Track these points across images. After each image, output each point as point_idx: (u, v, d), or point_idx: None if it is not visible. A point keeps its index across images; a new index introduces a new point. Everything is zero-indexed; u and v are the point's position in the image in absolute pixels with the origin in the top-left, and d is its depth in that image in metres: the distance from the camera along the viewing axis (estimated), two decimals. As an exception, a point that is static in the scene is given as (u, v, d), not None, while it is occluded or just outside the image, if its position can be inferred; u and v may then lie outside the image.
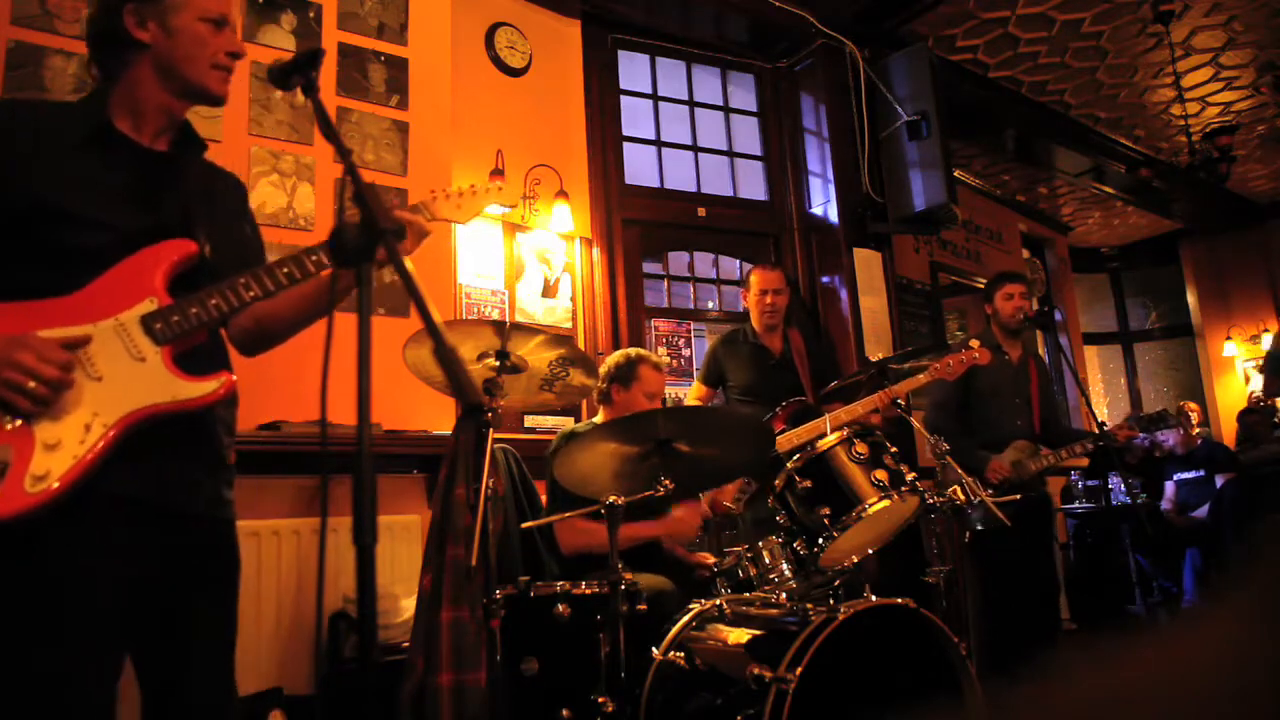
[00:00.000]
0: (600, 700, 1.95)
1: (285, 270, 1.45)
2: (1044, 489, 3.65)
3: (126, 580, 1.38)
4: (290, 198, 3.09)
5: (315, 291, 1.57)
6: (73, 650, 1.31)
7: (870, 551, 2.45)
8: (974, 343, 3.13)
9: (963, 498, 2.40)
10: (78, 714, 1.32)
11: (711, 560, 2.52)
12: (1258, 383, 7.95)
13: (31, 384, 1.26)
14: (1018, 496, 2.71)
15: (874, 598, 2.03)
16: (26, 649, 1.30)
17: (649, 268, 4.44)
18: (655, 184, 4.53)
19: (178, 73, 1.47)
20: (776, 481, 2.42)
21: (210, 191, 1.58)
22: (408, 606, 2.67)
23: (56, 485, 1.26)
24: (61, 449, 1.28)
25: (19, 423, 1.28)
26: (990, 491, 2.95)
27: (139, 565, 1.40)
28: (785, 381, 3.64)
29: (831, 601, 2.09)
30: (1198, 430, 6.04)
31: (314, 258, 1.48)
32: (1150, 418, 3.70)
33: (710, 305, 5.03)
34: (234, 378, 1.43)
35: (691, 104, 4.76)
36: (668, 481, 2.11)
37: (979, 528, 3.27)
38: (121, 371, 1.35)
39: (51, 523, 1.29)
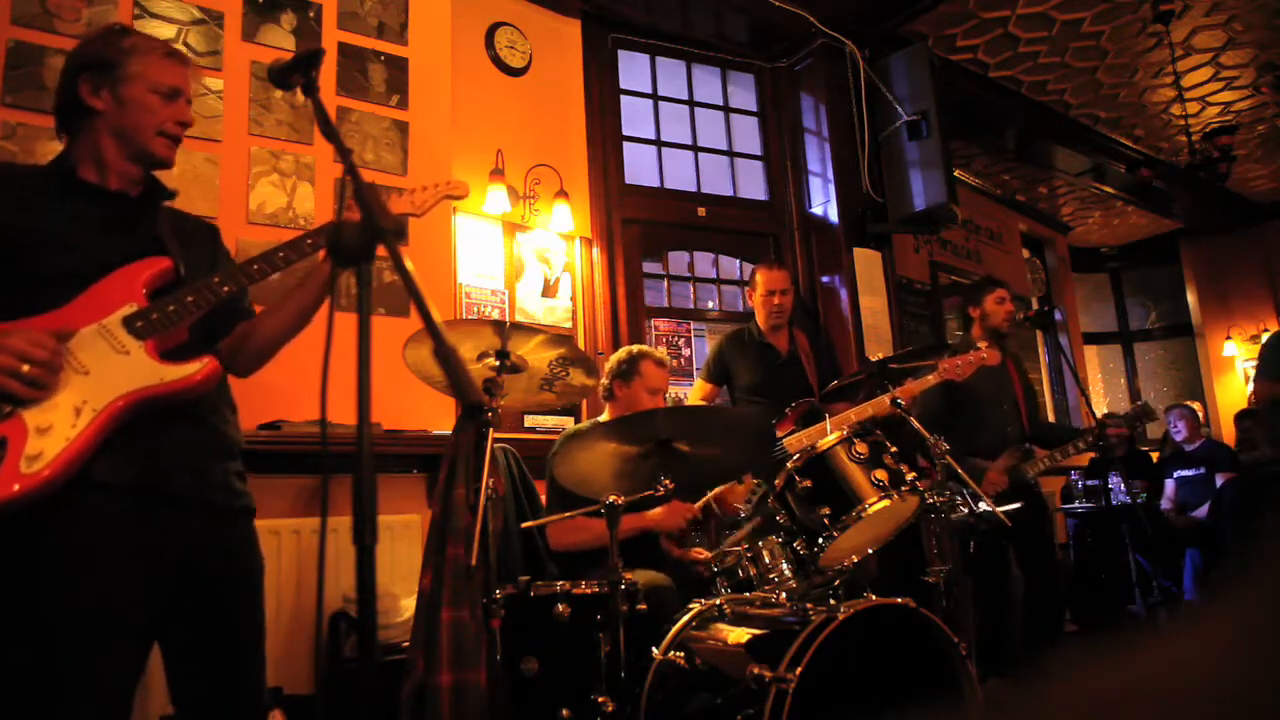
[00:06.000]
0: (600, 700, 1.95)
1: (256, 266, 1.52)
2: (1039, 490, 3.64)
3: (135, 572, 1.39)
4: (290, 197, 3.08)
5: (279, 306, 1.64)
6: (72, 643, 1.31)
7: (870, 551, 2.45)
8: (982, 344, 3.13)
9: (964, 508, 2.39)
10: (79, 709, 1.31)
11: (705, 555, 2.51)
12: (1257, 383, 7.94)
13: (25, 367, 1.30)
14: (1019, 505, 2.69)
15: (874, 598, 2.03)
16: (25, 642, 1.31)
17: (649, 267, 4.44)
18: (655, 184, 4.53)
19: (127, 138, 1.55)
20: (777, 481, 2.42)
21: (180, 230, 1.65)
22: (408, 606, 2.67)
23: (51, 467, 1.29)
24: (53, 432, 1.31)
25: (11, 412, 1.31)
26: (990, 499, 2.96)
27: (149, 556, 1.41)
28: (792, 380, 3.63)
29: (831, 601, 2.09)
30: (1203, 431, 6.06)
31: (281, 255, 1.54)
32: (1135, 412, 3.70)
33: (710, 305, 5.02)
34: (216, 362, 1.49)
35: (691, 104, 4.75)
36: (668, 481, 2.11)
37: (982, 528, 3.26)
38: (106, 363, 1.40)
39: (50, 516, 1.30)
